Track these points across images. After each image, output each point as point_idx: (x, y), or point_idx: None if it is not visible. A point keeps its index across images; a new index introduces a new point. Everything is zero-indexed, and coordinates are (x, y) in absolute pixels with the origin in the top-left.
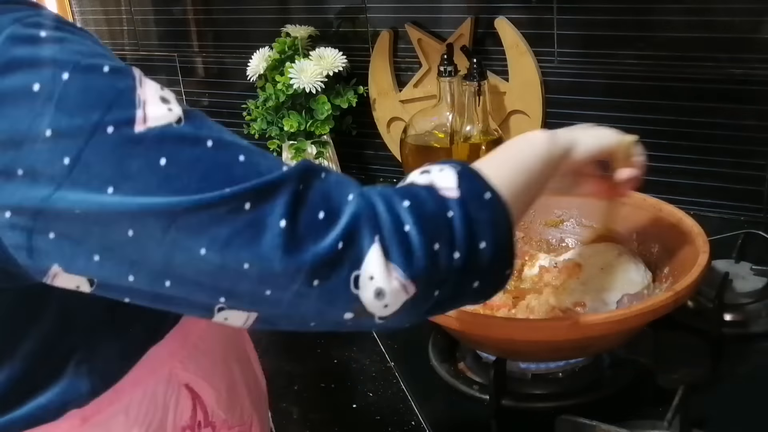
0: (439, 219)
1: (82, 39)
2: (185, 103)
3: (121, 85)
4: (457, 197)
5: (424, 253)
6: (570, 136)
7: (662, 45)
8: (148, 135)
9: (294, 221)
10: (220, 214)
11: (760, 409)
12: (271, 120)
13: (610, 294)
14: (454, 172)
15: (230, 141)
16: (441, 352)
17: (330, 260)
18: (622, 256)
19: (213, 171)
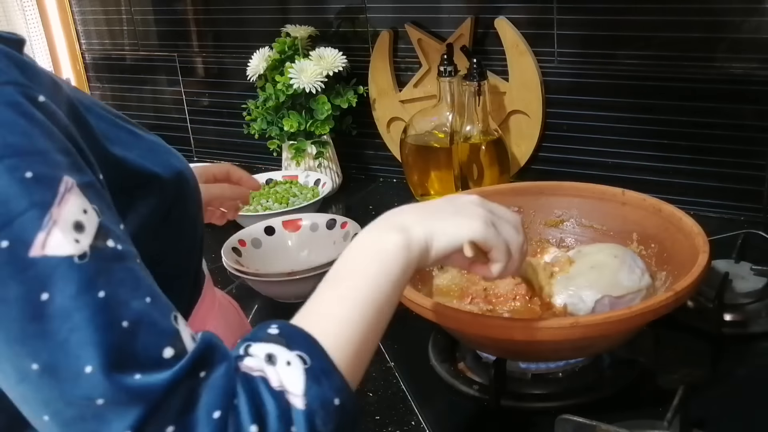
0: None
1: (32, 126)
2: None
3: (35, 198)
4: (303, 408)
5: None
6: (425, 232)
7: (662, 45)
8: (40, 263)
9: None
10: (71, 394)
11: (760, 409)
12: (271, 120)
13: (591, 292)
14: (301, 372)
15: (122, 300)
16: (441, 352)
17: None
18: (619, 257)
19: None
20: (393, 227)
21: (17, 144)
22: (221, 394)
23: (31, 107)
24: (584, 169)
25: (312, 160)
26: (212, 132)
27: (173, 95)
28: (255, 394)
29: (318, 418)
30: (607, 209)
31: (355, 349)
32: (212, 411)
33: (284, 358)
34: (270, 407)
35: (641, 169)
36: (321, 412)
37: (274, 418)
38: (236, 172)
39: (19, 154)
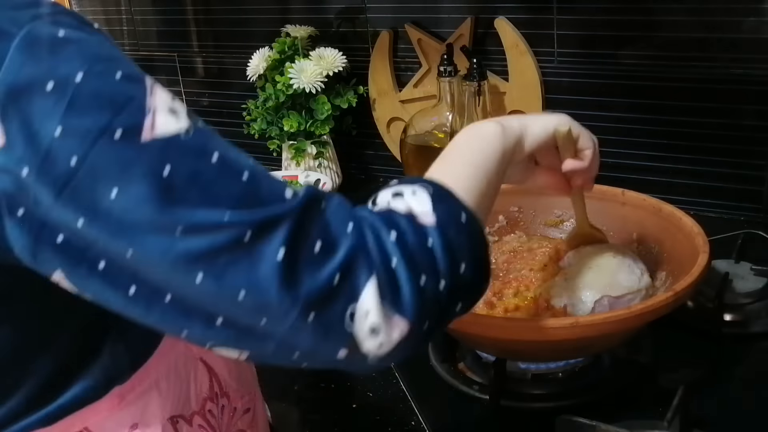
0: (422, 250)
1: (100, 41)
2: (191, 113)
3: (132, 92)
4: (434, 224)
5: (412, 291)
6: (519, 124)
7: (662, 45)
8: (154, 143)
9: (292, 254)
10: (219, 241)
11: (760, 409)
12: (271, 120)
13: (591, 293)
14: (427, 194)
15: (235, 158)
16: (441, 352)
17: (327, 294)
18: (618, 258)
19: (214, 187)
20: (493, 120)
21: (98, 53)
22: (348, 214)
23: (92, 29)
24: None
25: (312, 160)
26: None
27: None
28: (386, 215)
29: (450, 230)
30: (607, 209)
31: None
32: (345, 225)
33: (409, 190)
34: (403, 224)
35: (641, 169)
36: (452, 225)
37: (409, 231)
38: None
39: (103, 60)
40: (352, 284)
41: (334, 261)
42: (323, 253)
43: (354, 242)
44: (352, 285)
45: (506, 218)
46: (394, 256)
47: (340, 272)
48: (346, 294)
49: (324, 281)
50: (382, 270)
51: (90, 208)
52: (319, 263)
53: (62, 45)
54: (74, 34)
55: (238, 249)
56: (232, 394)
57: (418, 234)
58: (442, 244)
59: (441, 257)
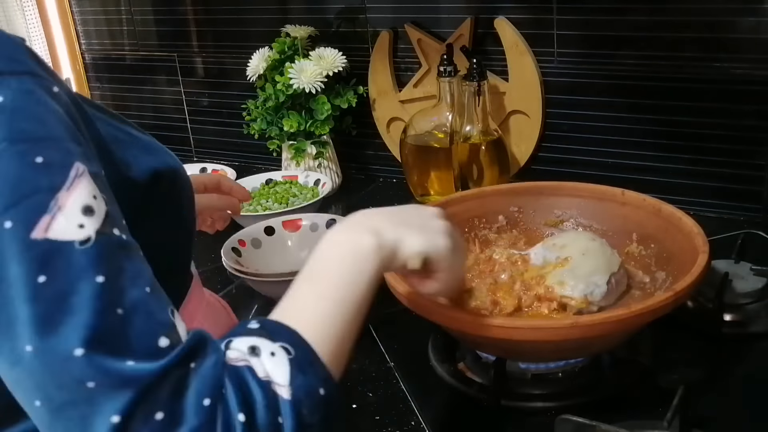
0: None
1: (47, 114)
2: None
3: (43, 183)
4: (289, 398)
5: None
6: (397, 235)
7: (662, 45)
8: (41, 246)
9: (128, 421)
10: (62, 378)
11: (760, 409)
12: (270, 120)
13: (599, 276)
14: (286, 362)
15: (121, 287)
16: (441, 352)
17: None
18: (597, 240)
19: (80, 315)
20: (366, 230)
21: (30, 130)
22: (211, 384)
23: (46, 96)
24: (584, 169)
25: (312, 160)
26: (212, 132)
27: (173, 95)
28: (242, 384)
29: (304, 408)
30: (606, 209)
31: (336, 343)
32: (202, 399)
33: (268, 349)
34: (257, 397)
35: (641, 169)
36: (307, 401)
37: (261, 407)
38: (226, 183)
39: (31, 140)
40: None
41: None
42: (164, 428)
43: (200, 422)
44: None
45: (506, 218)
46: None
47: None
48: None
49: None
50: None
51: None
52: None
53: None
54: (14, 102)
55: (77, 393)
56: None
57: (270, 411)
58: (294, 422)
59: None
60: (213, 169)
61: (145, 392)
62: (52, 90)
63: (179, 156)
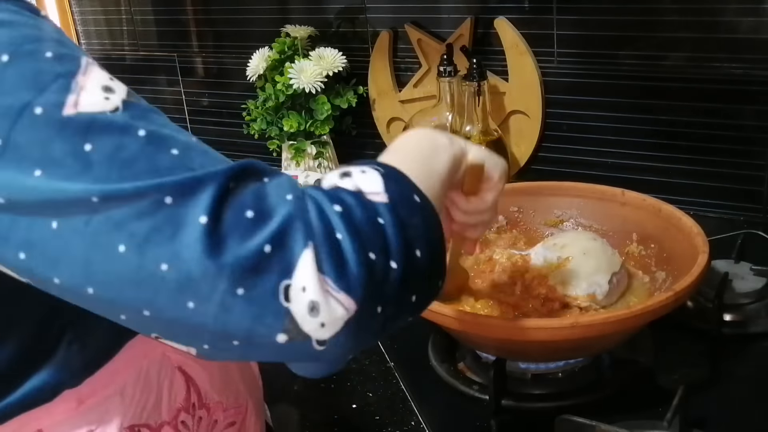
0: (371, 226)
1: (38, 25)
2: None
3: (59, 70)
4: (386, 201)
5: (358, 265)
6: (461, 141)
7: (662, 45)
8: (76, 119)
9: (217, 219)
10: (140, 208)
11: (760, 409)
12: (270, 120)
13: (601, 275)
14: (377, 174)
15: (167, 134)
16: (441, 352)
17: (255, 264)
18: (598, 240)
19: (136, 161)
20: (440, 132)
21: (33, 34)
22: (291, 186)
23: (35, 15)
24: (584, 169)
25: (312, 161)
26: (212, 132)
27: (173, 95)
28: (332, 191)
29: (402, 209)
30: (606, 209)
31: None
32: (285, 194)
33: (358, 170)
34: (350, 200)
35: (641, 169)
36: (403, 204)
37: (356, 207)
38: None
39: (33, 41)
40: (286, 255)
41: (265, 230)
42: (255, 221)
43: (291, 210)
44: (285, 256)
45: (506, 218)
46: (337, 228)
47: (272, 241)
48: (278, 266)
49: (252, 250)
50: (323, 241)
51: (14, 189)
52: (248, 230)
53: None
54: (8, 17)
55: (158, 214)
56: (213, 406)
57: (367, 209)
58: (394, 222)
59: (393, 237)
60: None
61: (224, 190)
62: (40, 12)
63: None
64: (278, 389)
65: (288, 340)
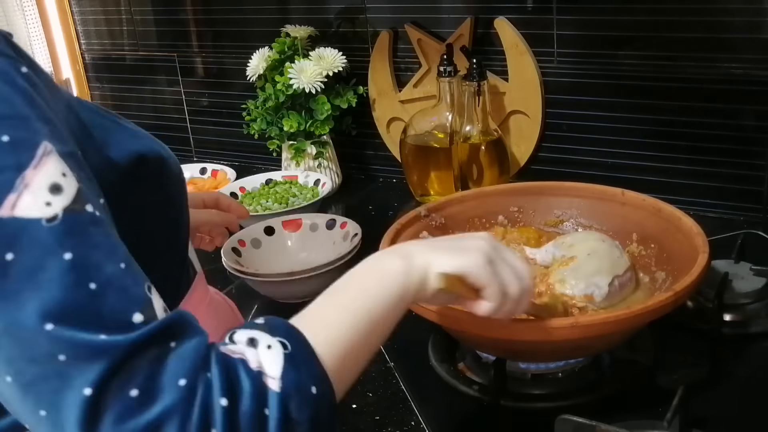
0: (254, 420)
1: (14, 94)
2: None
3: (8, 162)
4: (278, 391)
5: None
6: (426, 259)
7: (662, 45)
8: (8, 223)
9: (101, 394)
10: (33, 353)
11: (760, 409)
12: (270, 120)
13: (602, 277)
14: (281, 355)
15: (92, 263)
16: (441, 352)
17: None
18: (607, 241)
19: (51, 290)
20: (397, 254)
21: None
22: (190, 365)
23: (15, 75)
24: (584, 169)
25: (312, 160)
26: (212, 132)
27: (173, 95)
28: (230, 371)
29: (292, 403)
30: (606, 209)
31: (343, 352)
32: (178, 378)
33: (265, 342)
34: (245, 385)
35: (641, 169)
36: (296, 397)
37: (247, 395)
38: (225, 200)
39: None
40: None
41: (143, 417)
42: (137, 405)
43: (175, 402)
44: None
45: (506, 218)
46: (215, 424)
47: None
48: None
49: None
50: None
51: None
52: (126, 412)
53: None
54: None
55: (49, 366)
56: None
57: (257, 400)
58: (279, 417)
59: (274, 429)
60: (213, 170)
61: (118, 365)
62: (21, 70)
63: (179, 156)
64: None
65: None
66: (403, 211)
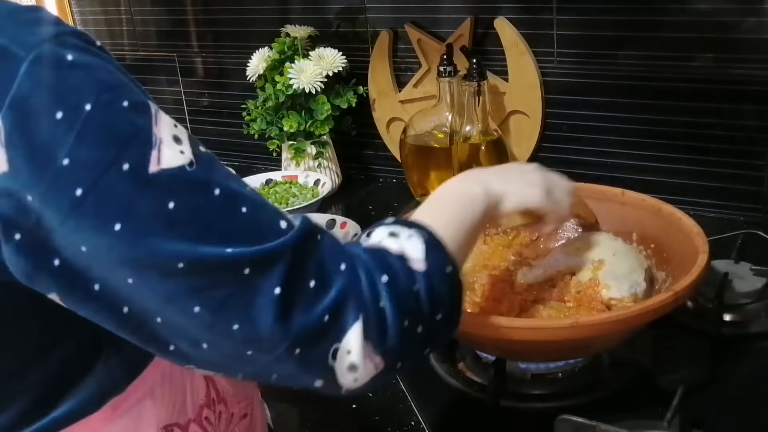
0: (410, 294)
1: (105, 64)
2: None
3: (139, 122)
4: (424, 270)
5: (396, 331)
6: (500, 189)
7: (662, 45)
8: (161, 176)
9: (288, 291)
10: (221, 277)
11: (760, 409)
12: (270, 120)
13: (638, 274)
14: (421, 241)
15: (235, 189)
16: (441, 352)
17: (315, 332)
18: (618, 239)
19: (216, 223)
20: (476, 181)
21: (105, 80)
22: (342, 251)
23: (97, 49)
24: (584, 169)
25: (312, 161)
26: (212, 132)
27: (173, 95)
28: (382, 256)
29: (435, 279)
30: (607, 209)
31: (457, 248)
32: (339, 264)
33: (406, 233)
34: (396, 266)
35: (641, 169)
36: (438, 274)
37: (401, 273)
38: None
39: (110, 89)
40: (340, 324)
41: (325, 300)
42: (316, 292)
43: (346, 282)
44: (339, 325)
45: None
46: (383, 297)
47: (330, 312)
48: (333, 333)
49: (315, 320)
50: (371, 311)
51: (94, 239)
52: (312, 302)
53: (71, 70)
54: (82, 59)
55: (236, 283)
56: (230, 399)
57: (408, 278)
58: (427, 290)
59: (425, 303)
60: None
61: (293, 263)
62: (96, 43)
63: None
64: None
65: (323, 385)
66: (403, 211)
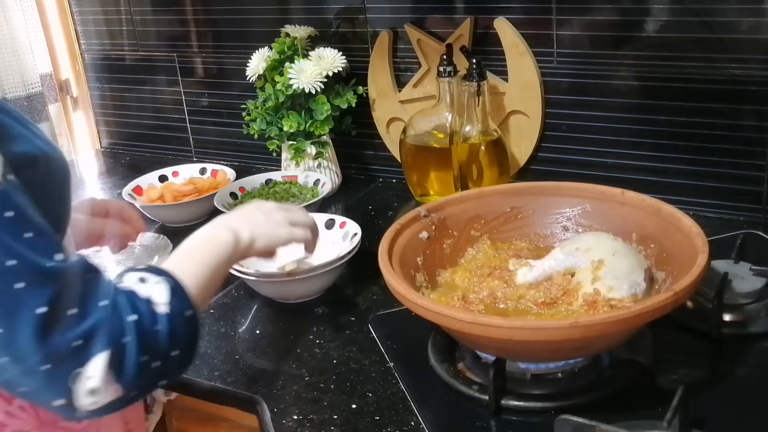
0: (152, 333)
1: None
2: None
3: None
4: (168, 312)
5: (135, 364)
6: (249, 235)
7: (661, 45)
8: None
9: (51, 311)
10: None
11: (760, 409)
12: (270, 120)
13: (638, 274)
14: (167, 287)
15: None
16: (440, 352)
17: (65, 353)
18: (618, 239)
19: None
20: (226, 228)
21: None
22: (107, 290)
23: None
24: (584, 169)
25: (311, 161)
26: (212, 132)
27: (173, 95)
28: (131, 298)
29: (176, 321)
30: (606, 209)
31: (200, 292)
32: (101, 300)
33: (154, 280)
34: (143, 308)
35: (641, 169)
36: (179, 317)
37: (145, 315)
38: (128, 212)
39: None
40: (87, 351)
41: (80, 328)
42: (75, 320)
43: (101, 317)
44: (87, 352)
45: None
46: (128, 334)
47: (82, 338)
48: (79, 358)
49: (67, 343)
50: (116, 345)
51: None
52: (68, 327)
53: None
54: None
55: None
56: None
57: (152, 319)
58: (167, 331)
59: (164, 341)
60: (213, 170)
61: (62, 290)
62: None
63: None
64: (278, 389)
65: (62, 405)
66: (402, 211)
